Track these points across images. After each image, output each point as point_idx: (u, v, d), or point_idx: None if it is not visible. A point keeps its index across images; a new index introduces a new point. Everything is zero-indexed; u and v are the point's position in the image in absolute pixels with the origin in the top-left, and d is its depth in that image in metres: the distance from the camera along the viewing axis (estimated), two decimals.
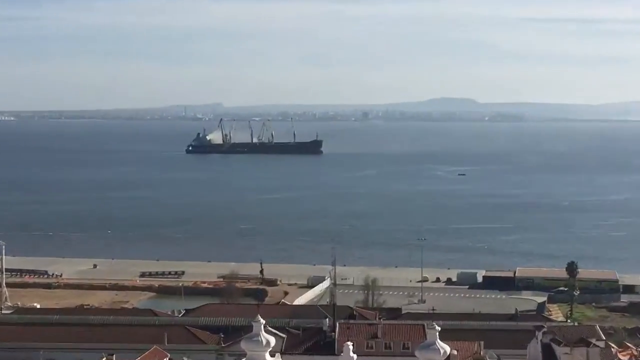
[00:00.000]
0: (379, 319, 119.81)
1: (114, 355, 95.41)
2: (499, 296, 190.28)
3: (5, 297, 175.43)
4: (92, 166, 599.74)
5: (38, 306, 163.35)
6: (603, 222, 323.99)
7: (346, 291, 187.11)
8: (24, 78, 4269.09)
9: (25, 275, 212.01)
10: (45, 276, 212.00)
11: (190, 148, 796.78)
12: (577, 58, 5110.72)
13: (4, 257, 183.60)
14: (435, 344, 61.19)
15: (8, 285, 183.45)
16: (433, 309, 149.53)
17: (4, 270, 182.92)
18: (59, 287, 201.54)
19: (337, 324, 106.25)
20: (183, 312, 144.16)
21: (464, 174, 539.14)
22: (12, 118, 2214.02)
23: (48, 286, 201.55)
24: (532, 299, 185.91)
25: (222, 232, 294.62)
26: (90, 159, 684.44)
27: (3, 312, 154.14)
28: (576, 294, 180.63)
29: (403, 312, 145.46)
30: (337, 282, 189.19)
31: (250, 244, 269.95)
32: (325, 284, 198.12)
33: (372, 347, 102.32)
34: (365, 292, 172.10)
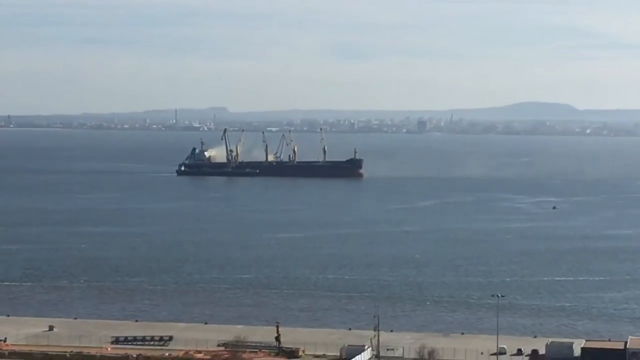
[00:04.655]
0: None
1: None
2: None
3: None
4: (47, 192, 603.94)
5: None
6: None
7: None
8: None
9: None
10: None
11: (183, 168, 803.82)
12: None
13: None
14: None
15: None
16: None
17: None
18: (2, 356, 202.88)
19: None
20: None
21: (556, 207, 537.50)
22: None
23: None
24: None
25: (225, 284, 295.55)
26: (44, 182, 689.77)
27: None
28: None
29: None
30: (382, 354, 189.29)
31: (263, 299, 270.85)
32: (366, 355, 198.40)
33: None
34: None
